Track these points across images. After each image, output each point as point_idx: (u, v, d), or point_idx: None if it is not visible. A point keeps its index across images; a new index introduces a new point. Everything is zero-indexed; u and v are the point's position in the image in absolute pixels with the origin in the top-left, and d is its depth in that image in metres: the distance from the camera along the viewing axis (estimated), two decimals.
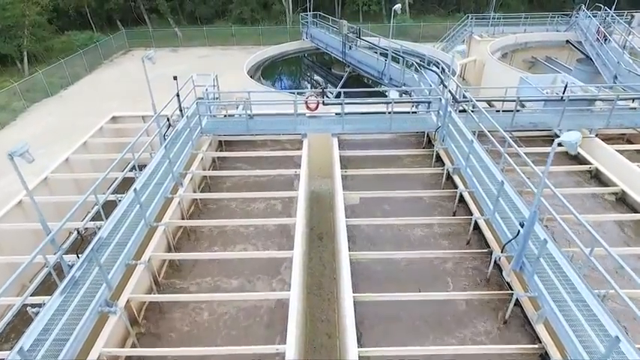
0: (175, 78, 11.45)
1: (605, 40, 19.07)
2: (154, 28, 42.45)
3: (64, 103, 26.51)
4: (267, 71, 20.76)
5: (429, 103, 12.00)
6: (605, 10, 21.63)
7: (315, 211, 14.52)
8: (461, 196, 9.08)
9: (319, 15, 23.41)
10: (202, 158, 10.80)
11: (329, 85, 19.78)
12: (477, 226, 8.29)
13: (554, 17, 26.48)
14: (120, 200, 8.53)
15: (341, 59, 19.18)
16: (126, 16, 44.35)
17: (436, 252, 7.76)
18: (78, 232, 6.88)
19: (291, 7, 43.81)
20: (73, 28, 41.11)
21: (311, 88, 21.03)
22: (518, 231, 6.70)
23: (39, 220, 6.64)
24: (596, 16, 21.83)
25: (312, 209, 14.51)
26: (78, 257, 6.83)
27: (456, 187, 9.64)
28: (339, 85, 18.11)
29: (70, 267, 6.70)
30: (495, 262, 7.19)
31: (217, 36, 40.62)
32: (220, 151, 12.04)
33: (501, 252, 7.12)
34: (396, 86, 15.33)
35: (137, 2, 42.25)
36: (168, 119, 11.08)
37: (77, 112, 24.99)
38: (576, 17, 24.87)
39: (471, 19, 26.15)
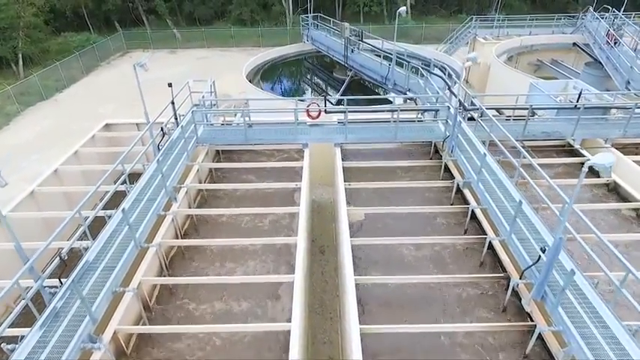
0: (170, 85, 10.91)
1: (616, 43, 18.52)
2: (152, 30, 41.89)
3: (59, 107, 25.95)
4: (267, 75, 20.22)
5: (437, 111, 11.44)
6: (614, 12, 21.06)
7: (317, 222, 13.97)
8: (472, 212, 8.52)
9: (320, 17, 22.87)
10: (198, 170, 10.26)
11: (330, 89, 19.22)
12: (490, 246, 7.74)
13: (560, 19, 25.92)
14: (109, 217, 7.99)
15: (343, 63, 18.63)
16: (124, 18, 43.78)
17: (447, 277, 7.20)
18: (60, 258, 6.32)
19: (292, 7, 43.25)
20: (70, 29, 40.58)
21: (312, 92, 20.49)
22: (539, 256, 6.16)
23: (14, 245, 6.08)
24: (604, 18, 21.27)
25: (314, 220, 13.95)
26: (61, 283, 6.30)
27: (466, 202, 9.10)
28: (341, 89, 17.56)
29: (52, 295, 6.17)
30: (513, 288, 6.64)
31: (216, 37, 40.06)
32: (217, 161, 11.49)
33: (520, 278, 6.57)
34: (401, 92, 14.77)
35: (135, 3, 41.67)
36: (162, 128, 10.52)
37: (73, 116, 24.45)
38: (583, 19, 24.31)
39: (475, 20, 25.58)
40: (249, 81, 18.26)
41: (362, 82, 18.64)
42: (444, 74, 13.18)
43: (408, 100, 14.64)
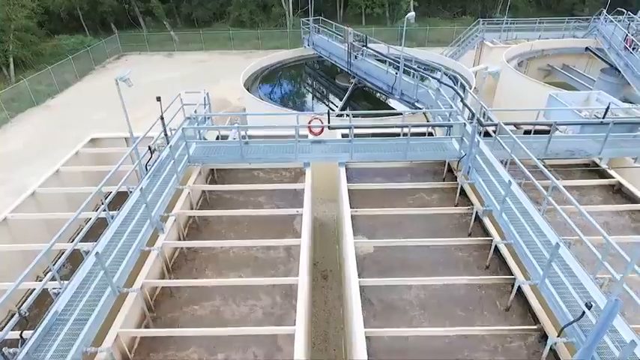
0: (159, 99, 9.93)
1: (634, 48, 17.57)
2: (149, 32, 40.98)
3: (51, 114, 25.02)
4: (266, 81, 19.28)
5: (450, 127, 10.49)
6: (629, 14, 20.10)
7: (318, 243, 13.04)
8: (495, 246, 7.58)
9: (321, 20, 21.91)
10: (189, 193, 9.31)
11: (333, 96, 18.28)
12: (519, 289, 6.79)
13: (570, 22, 24.96)
14: (87, 253, 7.07)
15: (346, 70, 17.68)
16: (120, 19, 42.87)
17: (469, 329, 6.25)
18: (20, 314, 5.38)
19: (292, 9, 42.31)
20: (66, 31, 39.66)
21: (313, 98, 19.52)
22: (583, 312, 5.22)
23: None
24: (619, 22, 20.29)
25: (315, 240, 13.03)
26: (22, 339, 5.37)
27: (487, 233, 8.16)
28: (344, 98, 16.61)
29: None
30: (551, 347, 5.69)
31: (215, 40, 39.15)
32: (211, 182, 10.55)
33: (558, 335, 5.63)
34: (409, 102, 13.82)
35: (131, 5, 40.73)
36: (149, 147, 9.57)
37: (65, 123, 23.53)
38: (595, 22, 23.35)
39: (483, 23, 24.63)
40: (247, 89, 17.29)
41: (366, 89, 17.70)
42: (456, 84, 12.23)
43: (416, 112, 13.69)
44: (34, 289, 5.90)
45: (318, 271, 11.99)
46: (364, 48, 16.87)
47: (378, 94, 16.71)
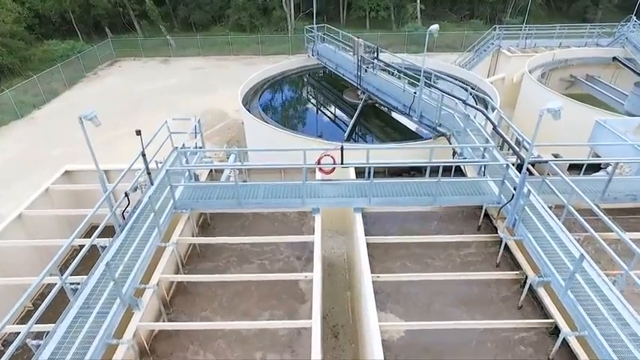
0: (139, 133, 8.24)
1: None
2: (144, 36, 39.29)
3: (35, 127, 23.33)
4: (266, 96, 17.61)
5: (483, 163, 8.82)
6: None
7: (327, 290, 11.35)
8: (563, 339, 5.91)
9: (326, 27, 20.23)
10: (174, 251, 7.64)
11: (340, 112, 16.60)
12: None
13: (594, 29, 23.27)
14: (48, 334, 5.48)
15: (355, 84, 16.01)
16: (114, 23, 41.22)
17: None
18: None
19: (293, 12, 40.62)
20: (58, 35, 37.98)
21: (318, 113, 17.82)
22: None
23: None
24: None
25: (323, 286, 11.34)
26: None
27: (545, 312, 6.51)
28: (354, 118, 14.91)
29: None
30: None
31: (213, 45, 37.46)
32: (201, 233, 8.87)
33: None
34: (429, 126, 12.13)
35: (126, 8, 39.05)
36: (126, 194, 7.90)
37: (50, 138, 21.85)
38: (621, 29, 21.67)
39: (499, 30, 22.94)
40: (246, 107, 15.61)
41: (377, 106, 16.03)
42: (487, 109, 10.57)
43: (438, 138, 12.03)
44: None
45: (328, 326, 10.33)
46: (376, 61, 15.20)
47: (390, 110, 15.01)
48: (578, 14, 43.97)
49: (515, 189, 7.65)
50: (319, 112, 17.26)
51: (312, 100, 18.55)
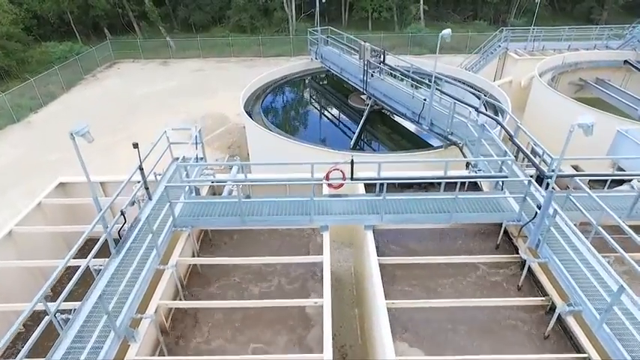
0: (136, 145, 7.75)
1: None
2: (144, 37, 38.77)
3: (32, 132, 22.81)
4: (269, 101, 17.09)
5: (503, 179, 8.31)
6: None
7: (334, 308, 10.81)
8: None
9: (330, 30, 19.73)
10: (172, 274, 7.13)
11: (345, 117, 16.07)
12: None
13: (604, 31, 22.75)
14: None
15: (360, 89, 15.50)
16: (113, 24, 40.70)
17: None
18: None
19: (295, 13, 40.11)
20: (56, 36, 37.50)
21: (321, 118, 17.31)
22: None
23: None
24: None
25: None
26: None
27: (576, 347, 5.99)
28: (360, 125, 14.38)
29: None
30: None
31: (213, 46, 36.94)
32: (202, 250, 8.37)
33: None
34: (440, 135, 11.62)
35: (125, 9, 38.53)
36: (122, 213, 7.38)
37: (47, 143, 21.31)
38: (632, 31, 21.15)
39: (507, 32, 22.43)
40: (248, 113, 15.11)
41: (383, 111, 15.51)
42: (496, 113, 10.04)
43: (450, 147, 11.53)
44: None
45: (336, 346, 9.81)
46: (382, 65, 14.68)
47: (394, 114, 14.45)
48: (582, 15, 43.45)
49: (538, 207, 7.16)
50: (323, 117, 16.74)
51: (316, 106, 18.04)
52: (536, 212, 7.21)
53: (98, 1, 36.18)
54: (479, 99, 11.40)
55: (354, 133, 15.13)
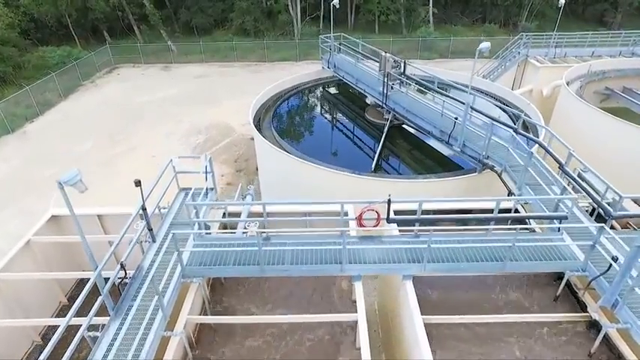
0: (138, 184, 6.66)
1: None
2: (144, 41, 37.64)
3: (27, 143, 21.67)
4: (278, 114, 15.96)
5: (562, 218, 7.20)
6: None
7: None
8: None
9: (343, 36, 18.58)
10: (181, 339, 6.02)
11: (362, 132, 14.94)
12: None
13: (630, 36, 21.62)
14: None
15: (379, 102, 14.37)
16: (113, 27, 39.60)
17: None
18: None
19: (299, 16, 38.99)
20: (54, 40, 36.38)
21: (333, 131, 16.17)
22: None
23: None
24: None
25: None
26: None
27: None
28: (380, 144, 13.21)
29: None
30: None
31: (216, 50, 35.82)
32: (213, 301, 7.24)
33: None
34: (474, 158, 10.50)
35: (125, 12, 37.40)
36: (122, 265, 6.27)
37: (43, 155, 20.23)
38: None
39: (527, 38, 21.31)
40: (258, 127, 13.97)
41: (404, 126, 14.38)
42: (526, 130, 8.94)
43: (484, 171, 10.41)
44: None
45: None
46: (404, 78, 13.55)
47: (418, 131, 13.32)
48: (595, 17, 42.33)
49: (613, 258, 6.07)
50: (339, 133, 15.59)
51: (330, 119, 16.91)
52: (610, 264, 6.13)
53: (97, 4, 35.07)
54: (517, 118, 10.25)
55: (371, 149, 14.00)
